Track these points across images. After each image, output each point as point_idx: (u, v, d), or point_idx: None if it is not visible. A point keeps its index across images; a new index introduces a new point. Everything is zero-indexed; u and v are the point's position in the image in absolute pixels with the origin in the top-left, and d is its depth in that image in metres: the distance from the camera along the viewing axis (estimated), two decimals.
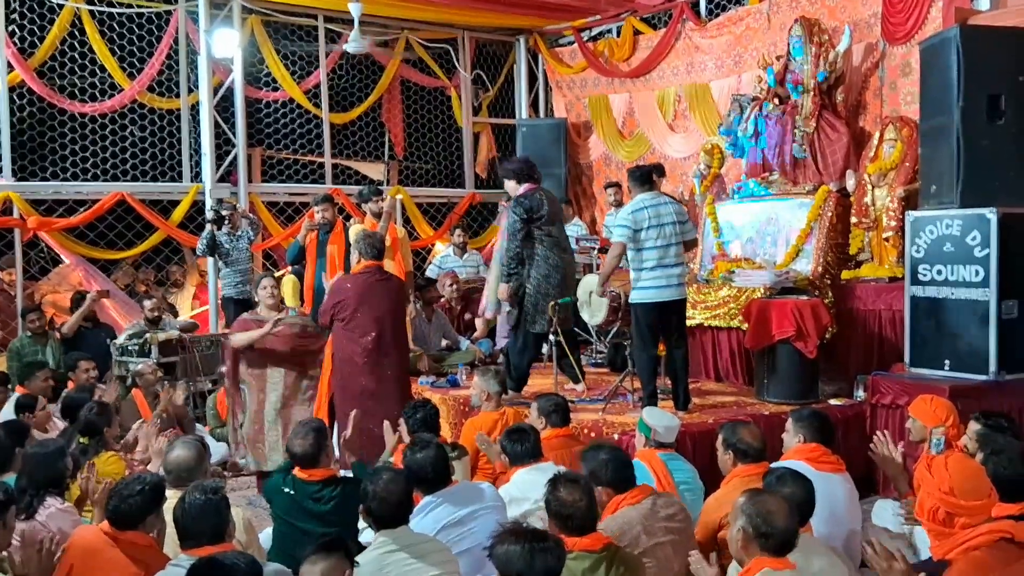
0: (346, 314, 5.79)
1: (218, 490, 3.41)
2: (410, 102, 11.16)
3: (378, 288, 5.86)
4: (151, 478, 3.68)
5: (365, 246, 5.95)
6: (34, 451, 4.30)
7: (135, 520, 3.51)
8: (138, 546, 3.51)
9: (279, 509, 4.24)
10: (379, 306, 5.83)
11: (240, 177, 9.58)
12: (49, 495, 4.14)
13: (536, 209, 6.45)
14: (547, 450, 4.49)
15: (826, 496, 3.85)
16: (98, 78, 9.15)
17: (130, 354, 7.55)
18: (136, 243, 9.11)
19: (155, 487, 3.61)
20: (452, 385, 7.22)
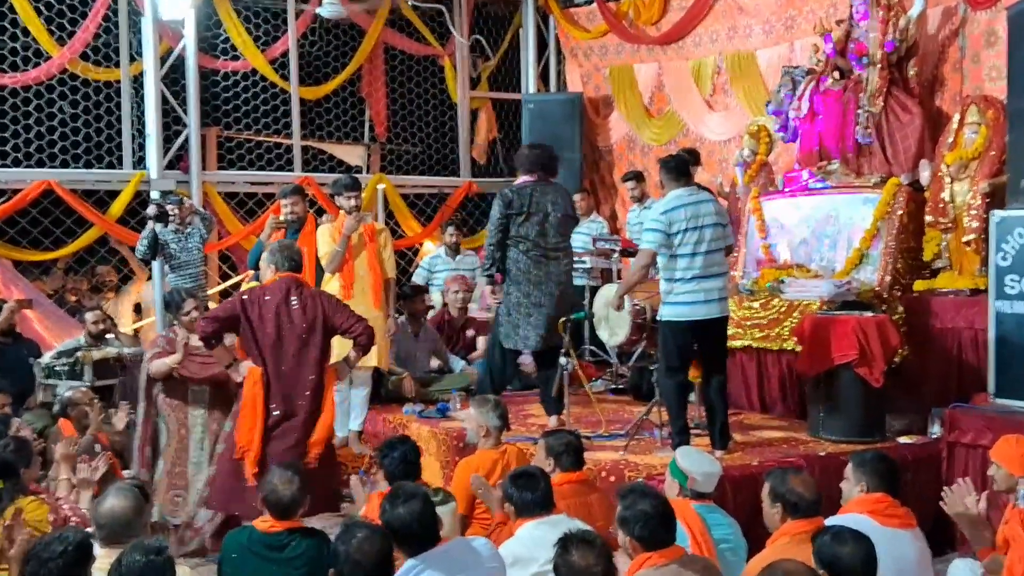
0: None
1: (162, 550, 3.37)
2: (395, 74, 11.17)
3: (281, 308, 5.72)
4: (74, 535, 3.64)
5: (280, 257, 5.81)
6: None
7: None
8: None
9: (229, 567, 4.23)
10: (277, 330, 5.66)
11: (192, 163, 9.58)
12: None
13: (514, 204, 6.54)
14: (557, 498, 4.44)
15: (893, 557, 3.80)
16: (20, 43, 9.16)
17: (58, 376, 7.54)
18: (66, 242, 9.13)
19: (79, 546, 3.56)
20: (442, 415, 7.20)
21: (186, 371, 6.14)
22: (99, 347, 7.73)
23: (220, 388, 6.19)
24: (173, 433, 6.21)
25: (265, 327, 5.61)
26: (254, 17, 10.22)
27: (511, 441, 5.74)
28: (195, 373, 6.14)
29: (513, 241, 6.62)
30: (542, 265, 6.64)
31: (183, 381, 6.18)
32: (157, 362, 6.20)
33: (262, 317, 5.62)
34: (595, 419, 6.74)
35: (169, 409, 6.23)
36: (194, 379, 6.17)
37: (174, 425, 6.21)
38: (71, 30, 9.22)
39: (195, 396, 6.22)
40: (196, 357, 6.15)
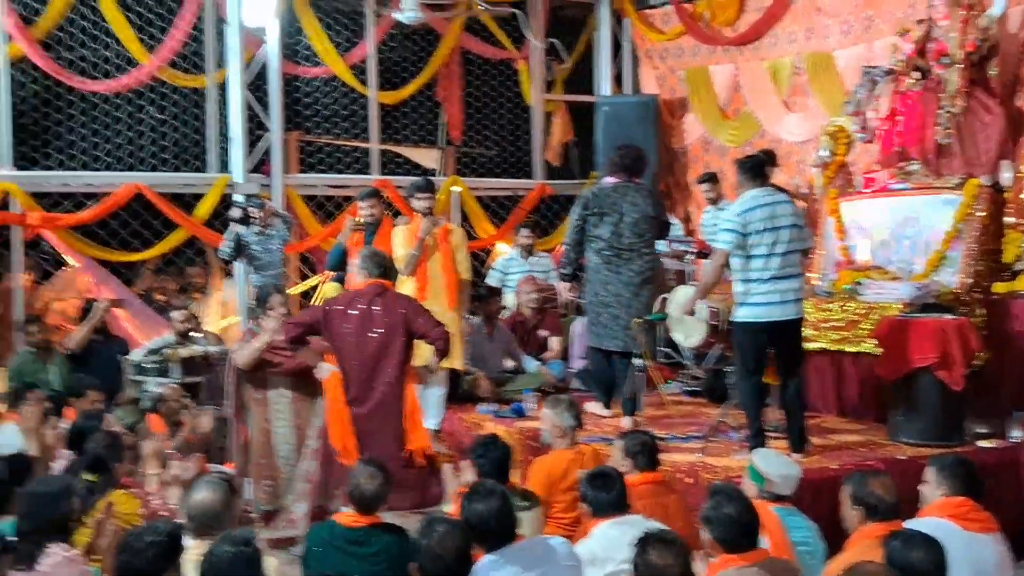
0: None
1: (250, 540, 3.47)
2: (471, 78, 11.22)
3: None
4: (165, 526, 3.75)
5: (370, 264, 6.08)
6: (35, 490, 4.43)
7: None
8: None
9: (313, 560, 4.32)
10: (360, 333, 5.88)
11: (274, 167, 9.74)
12: (52, 541, 4.25)
13: (591, 206, 6.78)
14: (633, 498, 4.46)
15: (973, 561, 3.81)
16: (112, 51, 9.37)
17: (147, 373, 7.73)
18: (154, 243, 9.30)
19: (170, 537, 3.67)
20: (517, 415, 7.24)
21: (271, 358, 6.21)
22: (186, 345, 7.90)
23: (304, 381, 6.29)
24: (258, 426, 6.31)
25: (348, 331, 5.77)
26: (335, 24, 10.36)
27: (586, 441, 5.76)
28: (278, 362, 6.23)
29: (588, 241, 6.82)
30: (612, 265, 6.78)
31: (266, 377, 6.29)
32: (242, 351, 6.29)
33: (347, 321, 5.79)
34: (670, 421, 6.73)
35: (253, 404, 6.34)
36: (278, 370, 6.26)
37: (259, 419, 6.31)
38: (160, 39, 9.41)
39: (278, 389, 6.32)
40: (279, 351, 6.25)
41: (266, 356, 6.21)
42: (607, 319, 6.83)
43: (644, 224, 6.82)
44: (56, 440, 6.16)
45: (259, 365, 6.23)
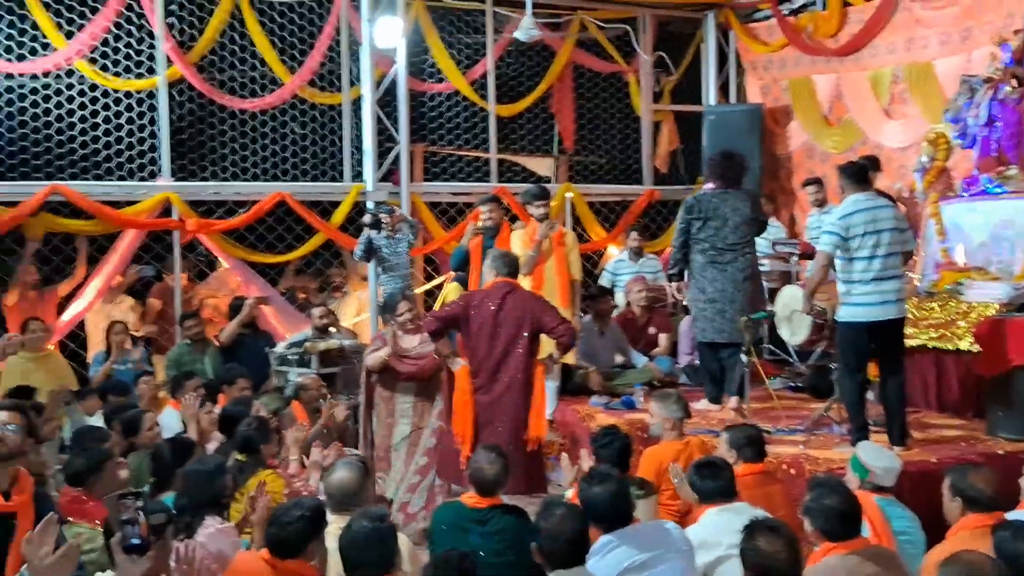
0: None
1: (384, 517, 3.56)
2: (583, 90, 11.23)
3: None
4: (310, 502, 3.88)
5: (500, 264, 6.15)
6: (194, 468, 4.61)
7: (296, 548, 3.70)
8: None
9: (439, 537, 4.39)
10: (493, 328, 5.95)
11: (402, 176, 9.91)
12: (208, 514, 4.42)
13: (694, 211, 6.85)
14: (740, 488, 4.42)
15: None
16: (258, 72, 9.67)
17: (289, 364, 7.95)
18: (296, 246, 9.56)
19: (315, 512, 3.80)
20: (627, 407, 7.22)
21: (395, 365, 6.35)
22: (324, 339, 8.09)
23: (426, 386, 6.40)
24: (382, 420, 6.45)
25: (481, 326, 5.87)
26: (457, 43, 10.49)
27: (693, 433, 5.73)
28: (403, 369, 6.35)
29: (693, 243, 6.87)
30: (717, 264, 6.82)
31: (394, 376, 6.42)
32: (372, 355, 6.46)
33: (480, 317, 5.88)
34: (774, 414, 6.63)
35: (381, 399, 6.47)
36: (402, 375, 6.38)
37: (384, 413, 6.45)
38: (300, 60, 9.66)
39: (403, 390, 6.44)
40: (406, 358, 6.36)
41: (392, 362, 6.34)
42: (712, 313, 6.84)
43: (745, 227, 6.88)
44: (210, 424, 6.39)
45: (385, 368, 6.35)
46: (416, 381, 6.40)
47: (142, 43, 9.17)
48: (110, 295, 9.01)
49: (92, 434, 5.61)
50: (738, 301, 6.79)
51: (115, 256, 8.90)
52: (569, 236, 7.81)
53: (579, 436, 6.80)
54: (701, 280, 6.88)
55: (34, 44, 8.84)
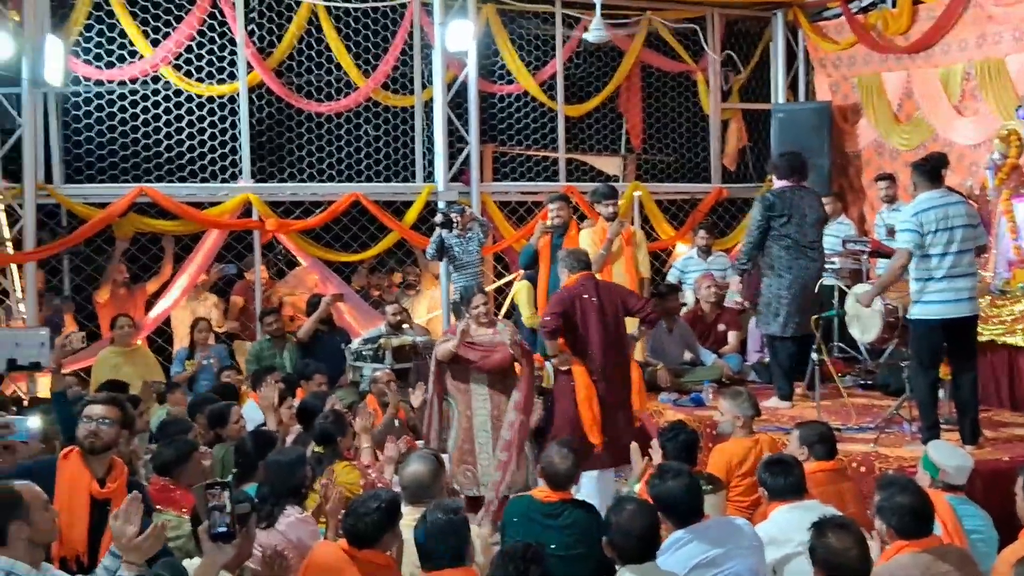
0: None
1: (458, 510, 3.60)
2: (651, 89, 11.17)
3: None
4: (386, 495, 3.95)
5: (573, 260, 6.19)
6: (275, 459, 4.71)
7: (372, 538, 3.78)
8: (377, 565, 3.77)
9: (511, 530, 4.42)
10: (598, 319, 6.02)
11: (472, 176, 9.96)
12: (289, 504, 4.51)
13: (776, 208, 6.79)
14: (811, 486, 4.38)
15: None
16: (334, 76, 9.81)
17: (364, 359, 8.05)
18: (370, 245, 9.68)
19: (391, 503, 3.86)
20: (696, 404, 7.19)
21: (464, 354, 6.34)
22: (397, 335, 8.18)
23: (500, 378, 6.41)
24: (461, 413, 6.42)
25: (589, 319, 5.93)
26: (526, 45, 10.51)
27: (763, 431, 5.68)
28: (472, 357, 6.35)
29: (774, 239, 6.87)
30: (799, 260, 6.85)
31: (468, 370, 6.42)
32: (441, 346, 6.48)
33: (584, 310, 5.94)
34: (844, 412, 6.54)
35: (457, 392, 6.47)
36: (474, 366, 6.39)
37: (462, 407, 6.43)
38: (375, 64, 9.78)
39: (477, 382, 6.43)
40: (477, 348, 6.37)
41: (461, 352, 6.35)
42: (794, 308, 6.81)
43: (819, 225, 6.96)
44: (290, 417, 6.52)
45: (456, 359, 6.38)
46: (488, 373, 6.39)
47: (224, 50, 9.36)
48: (194, 292, 9.23)
49: (176, 425, 5.76)
50: (811, 297, 6.86)
51: (199, 255, 9.11)
52: (637, 234, 7.81)
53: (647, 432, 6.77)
54: (785, 275, 6.85)
55: (122, 52, 9.10)
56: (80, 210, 8.76)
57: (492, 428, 6.34)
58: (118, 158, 9.19)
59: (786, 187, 6.85)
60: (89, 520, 4.09)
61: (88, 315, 9.15)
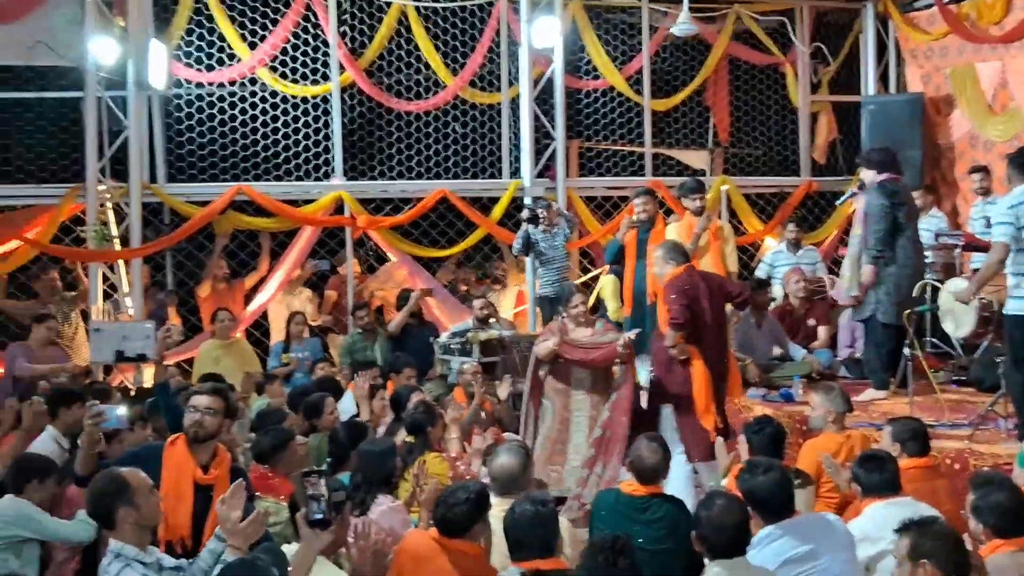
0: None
1: (547, 502, 3.61)
2: (738, 83, 11.03)
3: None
4: (475, 486, 3.99)
5: (675, 254, 6.14)
6: (367, 449, 4.79)
7: (462, 528, 3.83)
8: (467, 555, 3.82)
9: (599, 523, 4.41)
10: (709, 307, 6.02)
11: (558, 171, 9.96)
12: (380, 492, 4.59)
13: (899, 196, 6.71)
14: (903, 482, 4.26)
15: None
16: (423, 75, 9.93)
17: (452, 353, 8.13)
18: (457, 241, 9.77)
19: (480, 495, 3.90)
20: (785, 400, 7.05)
21: (565, 354, 6.28)
22: (484, 330, 8.23)
23: (601, 377, 6.34)
24: (557, 413, 6.33)
25: (703, 308, 5.94)
26: (612, 40, 10.46)
27: (855, 427, 5.56)
28: (574, 357, 6.27)
29: (898, 229, 6.75)
30: (917, 251, 6.86)
31: (567, 367, 6.35)
32: (541, 344, 6.42)
33: (700, 300, 5.93)
34: (937, 408, 6.35)
35: (554, 391, 6.38)
36: (574, 363, 6.31)
37: (558, 405, 6.34)
38: (462, 62, 9.87)
39: (578, 382, 6.34)
40: (578, 347, 6.31)
41: (562, 351, 6.28)
42: (907, 297, 6.68)
43: (916, 218, 6.90)
44: (381, 408, 6.61)
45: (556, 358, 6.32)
46: (589, 370, 6.33)
47: (317, 51, 9.56)
48: (290, 287, 9.44)
49: (273, 416, 5.91)
50: (915, 289, 6.78)
51: (294, 251, 9.32)
52: (725, 228, 7.70)
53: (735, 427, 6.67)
54: (907, 265, 6.73)
55: (221, 55, 9.34)
56: (182, 208, 9.04)
57: (588, 428, 6.26)
58: (217, 158, 9.47)
59: (891, 179, 6.72)
60: (193, 505, 4.21)
61: (190, 309, 9.45)
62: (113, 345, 7.63)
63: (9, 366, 7.75)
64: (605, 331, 6.40)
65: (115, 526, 3.51)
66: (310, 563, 3.36)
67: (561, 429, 6.31)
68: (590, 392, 6.33)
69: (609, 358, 6.22)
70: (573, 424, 6.30)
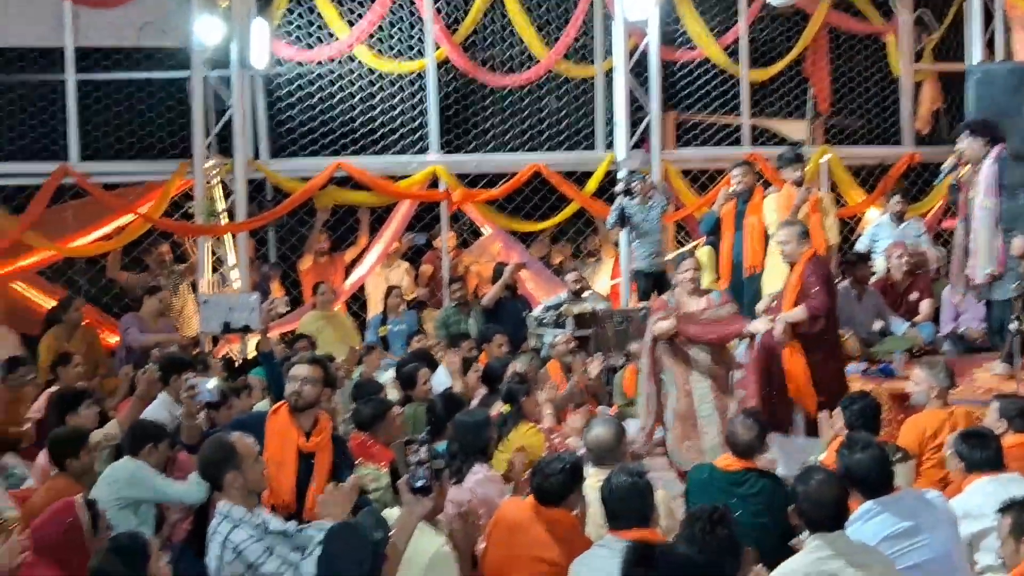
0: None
1: (643, 473, 3.61)
2: (838, 51, 10.73)
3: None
4: (570, 457, 4.03)
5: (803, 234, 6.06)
6: (463, 420, 4.86)
7: (558, 497, 3.87)
8: (562, 524, 3.86)
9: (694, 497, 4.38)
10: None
11: (653, 144, 9.84)
12: (477, 462, 4.64)
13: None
14: (1008, 460, 4.13)
15: None
16: (516, 49, 9.92)
17: (546, 326, 8.16)
18: (551, 215, 9.76)
19: (575, 466, 3.95)
20: (885, 375, 6.85)
21: (686, 331, 6.07)
22: (577, 303, 8.23)
23: (718, 350, 6.16)
24: (680, 388, 6.14)
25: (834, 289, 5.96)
26: (708, 10, 10.26)
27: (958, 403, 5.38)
28: (695, 335, 6.08)
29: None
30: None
31: (685, 343, 6.13)
32: (659, 324, 6.15)
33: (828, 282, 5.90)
34: None
35: (676, 369, 6.18)
36: (695, 340, 6.12)
37: (680, 381, 6.14)
38: (556, 36, 9.81)
39: (696, 356, 6.12)
40: (694, 323, 6.18)
41: (682, 328, 6.07)
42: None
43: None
44: (475, 381, 6.68)
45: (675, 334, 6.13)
46: (710, 346, 6.16)
47: (413, 28, 9.62)
48: (387, 261, 9.58)
49: (370, 386, 6.02)
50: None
51: (391, 225, 9.45)
52: (826, 200, 7.54)
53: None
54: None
55: (320, 33, 9.48)
56: (284, 183, 9.26)
57: (714, 399, 6.09)
58: (318, 134, 9.64)
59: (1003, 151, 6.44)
60: (296, 471, 4.33)
61: (292, 282, 9.67)
62: (220, 317, 7.85)
63: (123, 336, 8.07)
64: (721, 304, 6.22)
65: (223, 488, 3.64)
66: (412, 528, 3.43)
67: (687, 405, 6.13)
68: (709, 364, 6.14)
69: (726, 339, 6.10)
70: (697, 396, 6.15)
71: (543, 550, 3.80)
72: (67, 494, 4.00)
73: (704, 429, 6.08)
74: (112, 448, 5.25)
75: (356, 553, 3.03)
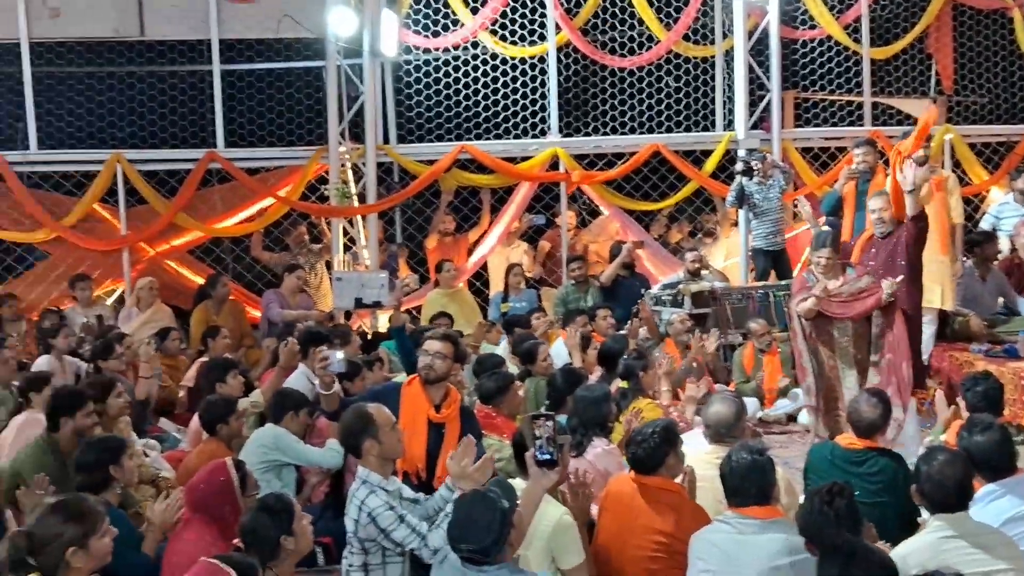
0: None
1: (764, 451, 3.58)
2: (963, 28, 10.28)
3: None
4: (661, 421, 4.00)
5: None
6: (583, 395, 4.90)
7: (655, 462, 3.85)
8: (666, 492, 3.85)
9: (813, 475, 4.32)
10: None
11: (773, 123, 9.63)
12: (596, 435, 4.68)
13: None
14: None
15: None
16: (636, 31, 9.83)
17: (663, 304, 8.11)
18: (669, 194, 9.70)
19: (666, 428, 3.92)
20: (1010, 356, 6.59)
21: (828, 310, 5.88)
22: (695, 281, 8.16)
23: (861, 325, 5.92)
24: (824, 362, 5.97)
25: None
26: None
27: None
28: (836, 313, 5.88)
29: None
30: None
31: (827, 319, 5.93)
32: (800, 305, 5.96)
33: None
34: None
35: (820, 344, 5.98)
36: (837, 317, 5.91)
37: (824, 356, 5.97)
38: (675, 17, 9.69)
39: (840, 333, 5.93)
40: (836, 299, 6.02)
41: (824, 307, 5.88)
42: None
43: None
44: (594, 357, 6.70)
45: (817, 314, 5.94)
46: (853, 321, 5.92)
47: (535, 12, 9.64)
48: (508, 240, 9.67)
49: (491, 360, 6.12)
50: None
51: (512, 206, 9.54)
52: (950, 179, 7.24)
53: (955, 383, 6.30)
54: None
55: (446, 21, 9.61)
56: (411, 167, 9.45)
57: (859, 372, 5.89)
58: (443, 119, 9.80)
59: None
60: (427, 441, 4.46)
61: (418, 260, 9.88)
62: (353, 293, 8.10)
63: (265, 311, 8.42)
64: (858, 277, 6.04)
65: (361, 455, 3.78)
66: (538, 500, 3.50)
67: (832, 379, 5.93)
68: (852, 339, 5.92)
69: (868, 311, 5.93)
70: (842, 372, 5.98)
71: (652, 520, 3.78)
72: (218, 457, 4.23)
73: (847, 399, 5.91)
74: (257, 415, 5.51)
75: (485, 520, 3.11)
